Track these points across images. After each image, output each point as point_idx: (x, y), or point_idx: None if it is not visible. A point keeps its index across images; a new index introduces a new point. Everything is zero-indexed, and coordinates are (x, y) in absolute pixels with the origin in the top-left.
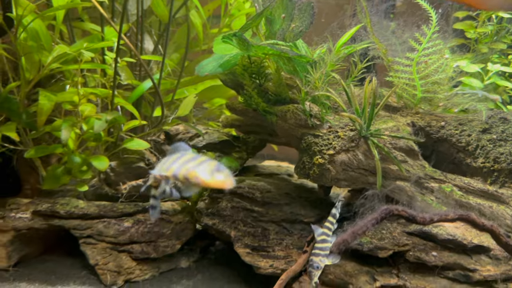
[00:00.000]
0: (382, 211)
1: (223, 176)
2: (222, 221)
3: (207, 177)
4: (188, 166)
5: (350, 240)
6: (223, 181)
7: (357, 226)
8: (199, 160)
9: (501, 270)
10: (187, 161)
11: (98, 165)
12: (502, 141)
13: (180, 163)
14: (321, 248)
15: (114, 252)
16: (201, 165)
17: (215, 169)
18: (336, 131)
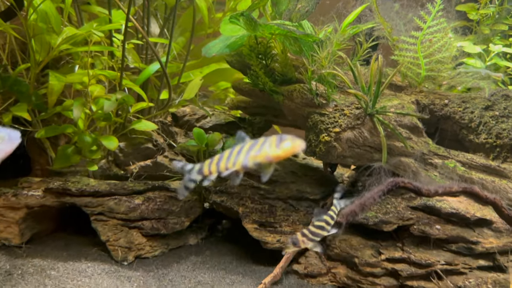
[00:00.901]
0: (388, 183)
1: (290, 142)
2: (230, 198)
3: (277, 151)
4: (252, 152)
5: (358, 210)
6: (293, 146)
7: (364, 198)
8: (259, 143)
9: (503, 242)
10: (249, 149)
11: (108, 144)
12: (505, 118)
13: (244, 153)
14: (313, 232)
15: (125, 229)
16: (264, 144)
17: (279, 140)
18: (342, 109)
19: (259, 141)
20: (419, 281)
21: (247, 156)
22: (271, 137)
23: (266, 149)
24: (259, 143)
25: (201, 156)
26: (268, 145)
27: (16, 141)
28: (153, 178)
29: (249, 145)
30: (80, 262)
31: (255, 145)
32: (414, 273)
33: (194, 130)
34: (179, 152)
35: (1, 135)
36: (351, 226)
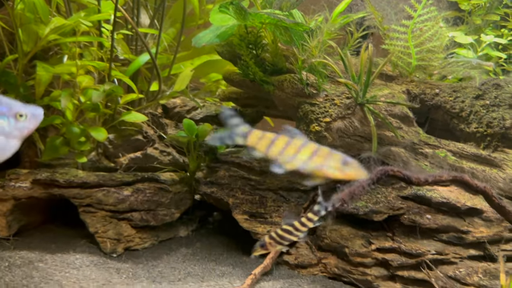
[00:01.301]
0: (378, 172)
1: (354, 169)
2: (220, 189)
3: (337, 173)
4: (313, 161)
5: (346, 199)
6: (356, 174)
7: (353, 186)
8: (323, 154)
9: (493, 232)
10: (312, 154)
11: (96, 135)
12: (495, 107)
13: (304, 156)
14: (281, 236)
15: (114, 220)
16: (327, 160)
17: (343, 163)
18: (332, 99)
19: (322, 151)
20: (409, 271)
21: (307, 163)
22: (335, 155)
23: (327, 170)
24: (322, 154)
25: (192, 148)
26: (330, 164)
27: (39, 118)
28: (143, 170)
29: (311, 151)
30: (69, 254)
31: (317, 155)
32: (404, 263)
33: (184, 121)
34: (170, 143)
35: (23, 112)
36: (341, 216)
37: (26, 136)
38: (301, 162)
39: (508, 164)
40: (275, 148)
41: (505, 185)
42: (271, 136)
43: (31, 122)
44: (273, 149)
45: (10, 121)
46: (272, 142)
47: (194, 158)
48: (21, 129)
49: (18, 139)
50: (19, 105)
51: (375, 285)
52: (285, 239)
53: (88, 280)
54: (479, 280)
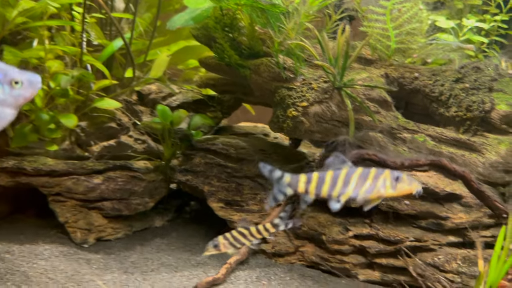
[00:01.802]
0: (352, 155)
1: (407, 184)
2: (195, 177)
3: (392, 192)
4: (364, 188)
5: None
6: (410, 188)
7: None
8: (371, 176)
9: (472, 218)
10: (359, 181)
11: (66, 122)
12: (475, 90)
13: (353, 184)
14: (235, 237)
15: (84, 210)
16: (377, 181)
17: (394, 180)
18: (310, 83)
19: (370, 173)
20: (388, 258)
21: (357, 191)
22: (384, 173)
23: (380, 190)
24: (370, 177)
25: (166, 135)
26: (382, 184)
27: (37, 86)
28: (117, 158)
29: (359, 176)
30: (37, 244)
31: (366, 179)
32: (382, 250)
33: (158, 107)
34: (145, 131)
35: (19, 79)
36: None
37: (22, 105)
38: (353, 191)
39: (488, 149)
40: (325, 186)
41: (484, 170)
42: (317, 176)
43: (28, 90)
44: (323, 188)
45: (4, 88)
46: (321, 180)
47: (169, 145)
48: (16, 97)
49: (13, 107)
50: (15, 71)
51: (353, 273)
52: (239, 242)
53: (56, 271)
54: (458, 267)
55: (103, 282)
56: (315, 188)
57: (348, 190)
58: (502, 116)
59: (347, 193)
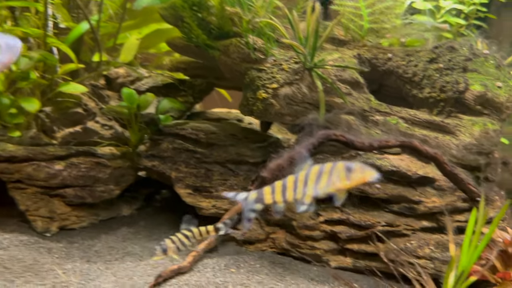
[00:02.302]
0: (319, 136)
1: (360, 172)
2: (162, 162)
3: (346, 182)
4: (321, 184)
5: (285, 164)
6: (363, 176)
7: (293, 151)
8: (326, 170)
9: (446, 201)
10: (316, 178)
11: (27, 106)
12: (449, 70)
13: (311, 183)
14: (181, 240)
15: (46, 197)
16: (332, 175)
17: (348, 171)
18: (280, 64)
19: (325, 168)
20: (359, 244)
21: (316, 188)
22: (337, 165)
23: (336, 182)
24: (326, 171)
25: (133, 119)
26: (336, 176)
27: (16, 52)
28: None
29: (316, 173)
30: None
31: (322, 174)
32: (353, 235)
33: (123, 90)
34: (112, 116)
35: None
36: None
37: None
38: (312, 190)
39: (462, 130)
40: (288, 191)
41: (458, 152)
42: (279, 183)
43: (5, 54)
44: (288, 193)
45: None
46: (284, 187)
47: (135, 130)
48: None
49: None
50: None
51: (325, 260)
52: (184, 245)
53: (13, 261)
54: (431, 252)
55: (63, 272)
56: (281, 195)
57: (309, 190)
58: (476, 96)
59: (309, 193)
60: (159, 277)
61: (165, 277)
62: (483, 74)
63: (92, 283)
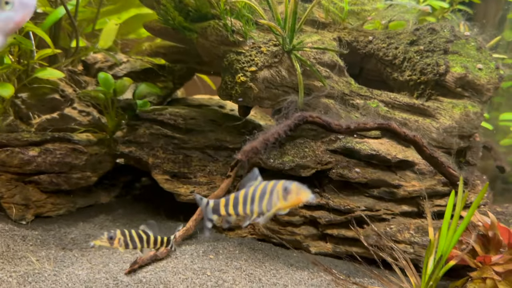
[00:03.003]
0: (295, 118)
1: (295, 194)
2: (139, 148)
3: (284, 203)
4: (265, 202)
5: (259, 147)
6: (298, 198)
7: (268, 133)
8: (269, 188)
9: (426, 185)
10: (260, 197)
11: (1, 91)
12: (430, 52)
13: (257, 202)
14: (132, 237)
15: (20, 184)
16: (273, 196)
17: (285, 192)
18: (259, 46)
19: (268, 187)
20: (339, 229)
21: (261, 206)
22: (278, 185)
23: (276, 202)
24: (268, 190)
25: (109, 105)
26: (276, 196)
27: (30, 9)
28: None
29: (260, 191)
30: None
31: (266, 193)
32: (333, 220)
33: (99, 75)
34: (90, 103)
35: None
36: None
37: (12, 30)
38: (257, 208)
39: (442, 113)
40: (239, 206)
41: (438, 135)
42: (232, 197)
43: (19, 12)
44: (239, 208)
45: None
46: (236, 201)
47: (112, 116)
48: (6, 20)
49: (2, 33)
50: None
51: (305, 245)
52: (134, 244)
53: None
54: (411, 236)
55: (36, 259)
56: (233, 208)
57: (255, 208)
58: (457, 78)
59: (255, 211)
60: (134, 264)
61: (141, 263)
62: (464, 56)
63: (66, 270)
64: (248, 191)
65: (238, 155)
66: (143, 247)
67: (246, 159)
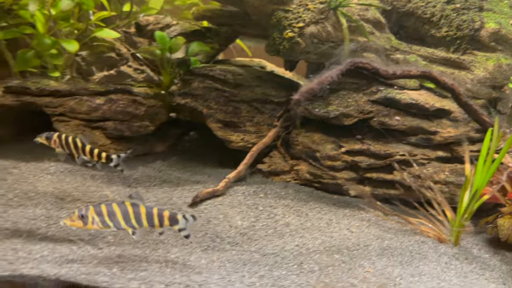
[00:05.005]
0: (347, 63)
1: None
2: (194, 100)
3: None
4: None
5: (316, 88)
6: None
7: (323, 76)
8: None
9: (460, 132)
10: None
11: (68, 46)
12: (465, 10)
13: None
14: (68, 144)
15: (87, 129)
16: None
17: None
18: (306, 4)
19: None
20: (378, 173)
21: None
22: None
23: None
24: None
25: (165, 61)
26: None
27: None
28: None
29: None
30: (43, 162)
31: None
32: (373, 164)
33: (156, 33)
34: (143, 62)
35: None
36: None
37: None
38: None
39: (476, 66)
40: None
41: (472, 86)
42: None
43: None
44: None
45: None
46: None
47: (168, 71)
48: None
49: None
50: None
51: (345, 189)
52: (69, 149)
53: (62, 182)
54: (446, 177)
55: (109, 192)
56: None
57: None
58: (490, 33)
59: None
60: (196, 197)
61: (202, 197)
62: (497, 13)
63: None
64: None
65: (295, 95)
66: (79, 155)
67: (303, 99)
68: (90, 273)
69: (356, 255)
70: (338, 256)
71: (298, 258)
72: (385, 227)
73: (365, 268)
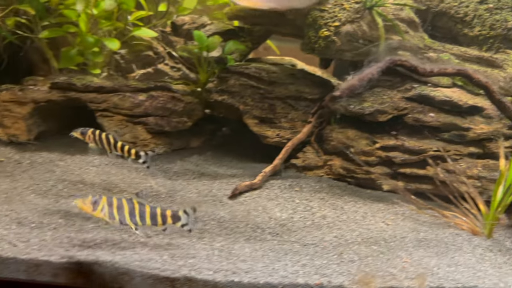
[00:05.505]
0: (386, 61)
1: None
2: (231, 96)
3: None
4: None
5: (357, 84)
6: None
7: (363, 73)
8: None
9: (493, 128)
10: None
11: (110, 44)
12: (498, 10)
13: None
14: (101, 140)
15: (130, 124)
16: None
17: None
18: (341, 4)
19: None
20: (412, 168)
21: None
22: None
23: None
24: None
25: (202, 59)
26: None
27: None
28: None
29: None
30: (87, 155)
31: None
32: (407, 160)
33: (194, 32)
34: (179, 60)
35: None
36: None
37: None
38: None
39: (509, 64)
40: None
41: (505, 84)
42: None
43: None
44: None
45: None
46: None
47: (204, 69)
48: None
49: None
50: None
51: (378, 183)
52: (101, 144)
53: (108, 174)
54: (479, 172)
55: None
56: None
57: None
58: None
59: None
60: (235, 190)
61: (241, 190)
62: None
63: (179, 194)
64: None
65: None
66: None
67: (345, 95)
68: (142, 259)
69: (393, 246)
70: (376, 247)
71: (337, 249)
72: (420, 220)
73: (403, 258)
